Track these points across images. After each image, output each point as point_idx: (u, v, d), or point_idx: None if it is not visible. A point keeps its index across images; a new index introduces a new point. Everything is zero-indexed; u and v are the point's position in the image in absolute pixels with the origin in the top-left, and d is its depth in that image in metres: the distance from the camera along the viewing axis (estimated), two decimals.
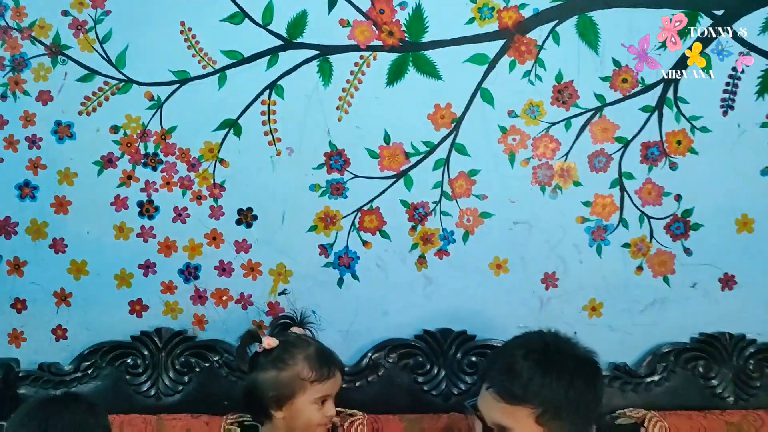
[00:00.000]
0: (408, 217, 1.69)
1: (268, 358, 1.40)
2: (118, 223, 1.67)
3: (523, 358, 1.22)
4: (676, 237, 1.71)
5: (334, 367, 1.40)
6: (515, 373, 1.20)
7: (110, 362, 1.63)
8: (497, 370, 1.24)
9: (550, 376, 1.19)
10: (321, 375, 1.37)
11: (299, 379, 1.35)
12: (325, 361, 1.39)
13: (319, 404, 1.37)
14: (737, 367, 1.68)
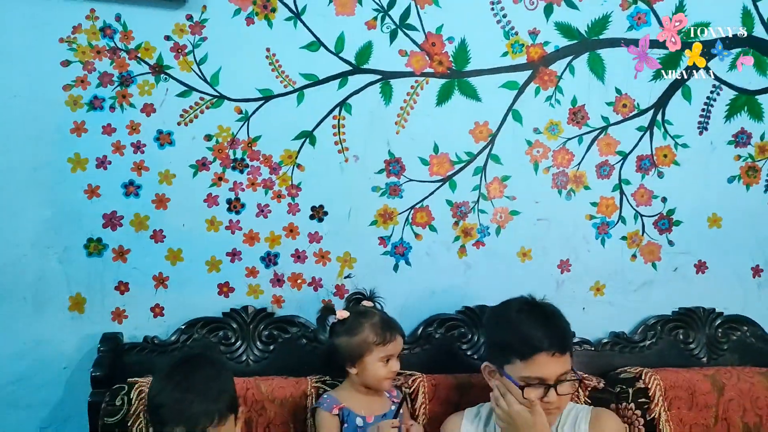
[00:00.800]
0: (452, 214, 1.89)
1: (342, 327, 1.60)
2: (210, 217, 1.81)
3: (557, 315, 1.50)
4: (662, 231, 1.97)
5: (394, 332, 1.58)
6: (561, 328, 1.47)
7: (205, 335, 1.78)
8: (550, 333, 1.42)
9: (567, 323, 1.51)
10: (383, 339, 1.56)
11: (366, 343, 1.56)
12: (386, 328, 1.58)
13: (384, 362, 1.57)
14: (709, 334, 1.94)
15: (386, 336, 1.58)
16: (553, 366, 1.41)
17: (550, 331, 1.43)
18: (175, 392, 1.36)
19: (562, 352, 1.42)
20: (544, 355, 1.40)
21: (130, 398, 1.62)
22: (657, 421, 1.76)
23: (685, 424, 1.76)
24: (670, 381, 1.80)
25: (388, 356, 1.59)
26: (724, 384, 1.81)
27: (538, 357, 1.40)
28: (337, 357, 1.62)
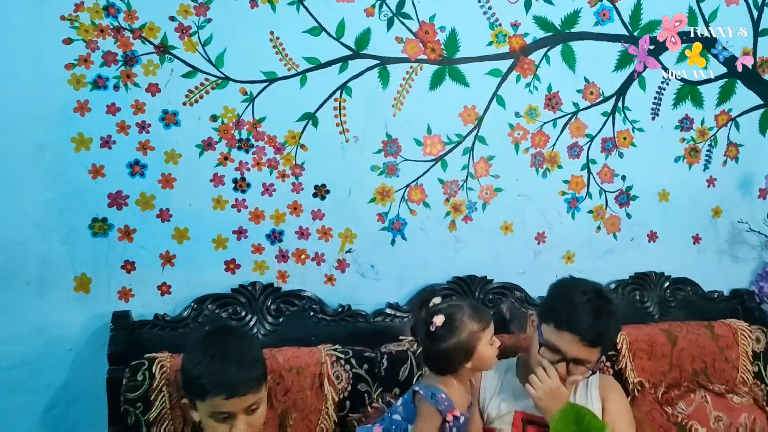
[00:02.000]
0: (443, 192, 2.02)
1: (444, 330, 1.56)
2: (216, 197, 1.84)
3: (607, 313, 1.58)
4: (622, 205, 2.19)
5: (486, 313, 1.61)
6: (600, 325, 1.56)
7: (215, 311, 1.82)
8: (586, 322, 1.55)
9: (615, 327, 1.64)
10: (485, 323, 1.58)
11: (473, 333, 1.56)
12: (480, 312, 1.60)
13: (491, 343, 1.59)
14: (660, 294, 2.20)
15: (484, 319, 1.60)
16: (576, 349, 1.58)
17: (594, 324, 1.57)
18: (213, 363, 1.42)
19: (591, 345, 1.58)
20: (574, 337, 1.57)
21: (152, 373, 1.65)
22: (624, 370, 1.99)
23: (646, 372, 2.01)
24: (633, 336, 2.03)
25: (492, 336, 1.62)
26: (677, 336, 2.07)
27: (570, 335, 1.58)
28: (452, 359, 1.58)
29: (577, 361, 1.59)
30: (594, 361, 1.62)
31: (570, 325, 1.58)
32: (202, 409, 1.44)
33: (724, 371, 2.07)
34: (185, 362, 1.49)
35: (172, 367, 1.66)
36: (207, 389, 1.40)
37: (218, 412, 1.41)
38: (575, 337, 1.58)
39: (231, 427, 1.42)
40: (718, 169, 2.29)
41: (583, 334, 1.57)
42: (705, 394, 2.00)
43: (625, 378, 1.99)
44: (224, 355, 1.44)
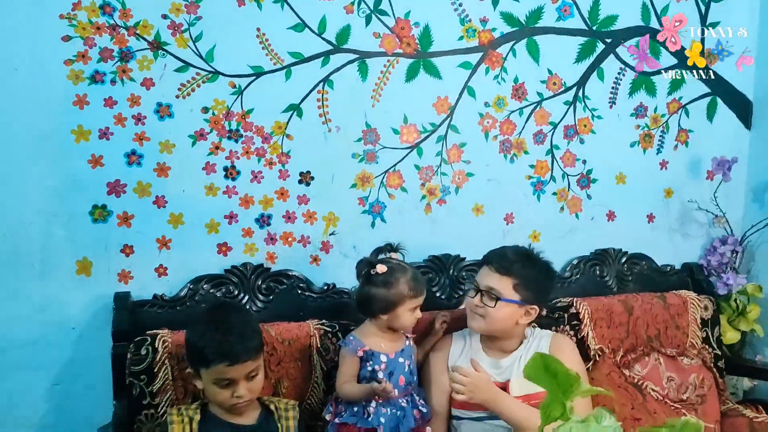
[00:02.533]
0: (419, 177, 2.16)
1: (379, 278, 1.75)
2: (208, 184, 1.96)
3: (514, 251, 1.86)
4: (583, 187, 2.36)
5: (423, 287, 1.79)
6: (508, 257, 1.82)
7: (210, 290, 1.94)
8: (496, 255, 1.84)
9: (527, 263, 1.83)
10: (415, 293, 1.75)
11: (401, 295, 1.74)
12: (418, 283, 1.77)
13: (412, 311, 1.78)
14: (618, 268, 2.38)
15: (417, 290, 1.78)
16: (486, 277, 1.83)
17: (505, 253, 1.87)
18: (216, 333, 1.57)
19: (498, 272, 1.82)
20: (487, 268, 1.85)
21: (155, 347, 1.78)
22: (586, 338, 2.18)
23: (605, 339, 2.20)
24: (594, 306, 2.22)
25: (416, 306, 1.80)
26: (633, 306, 2.26)
27: (485, 267, 1.87)
28: (371, 305, 1.78)
29: (488, 290, 1.80)
30: (504, 292, 1.79)
31: (487, 257, 1.89)
32: (206, 377, 1.58)
33: (676, 337, 2.27)
34: (189, 335, 1.63)
35: (172, 342, 1.79)
36: (211, 358, 1.55)
37: (221, 378, 1.56)
38: (488, 267, 1.84)
39: (233, 392, 1.57)
40: (669, 153, 2.48)
41: (493, 262, 1.83)
42: (658, 357, 2.20)
43: (587, 345, 2.17)
44: (226, 327, 1.59)
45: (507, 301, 1.80)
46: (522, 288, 1.82)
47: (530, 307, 1.84)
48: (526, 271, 1.84)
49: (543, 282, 1.90)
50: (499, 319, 1.81)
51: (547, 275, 1.93)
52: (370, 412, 1.75)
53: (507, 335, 1.87)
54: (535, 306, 1.84)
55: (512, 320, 1.83)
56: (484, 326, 1.83)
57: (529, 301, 1.83)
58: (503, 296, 1.80)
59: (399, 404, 1.78)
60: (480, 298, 1.81)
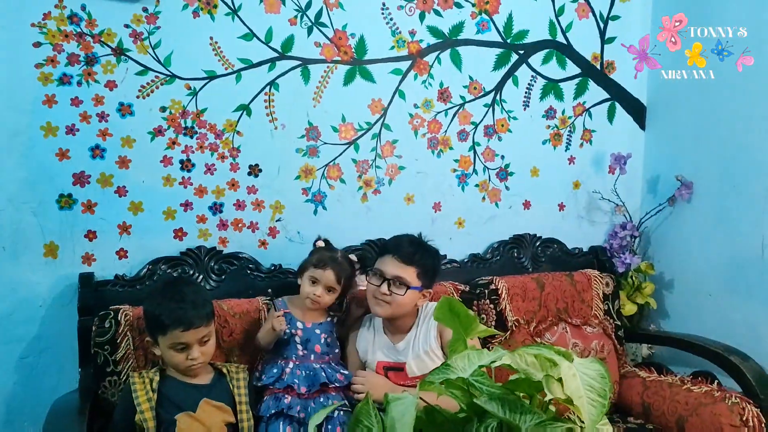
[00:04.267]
0: (356, 170, 2.42)
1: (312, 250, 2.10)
2: (166, 175, 2.17)
3: (412, 241, 2.07)
4: (502, 180, 2.66)
5: (327, 265, 1.98)
6: (410, 247, 2.02)
7: (167, 270, 2.15)
8: (399, 245, 2.03)
9: (425, 252, 2.06)
10: (314, 264, 1.99)
11: (306, 262, 2.03)
12: (325, 260, 1.99)
13: (311, 282, 2.00)
14: (533, 251, 2.69)
15: (319, 263, 2.01)
16: (393, 267, 2.02)
17: (408, 246, 2.06)
18: (171, 303, 1.78)
19: (404, 262, 2.01)
20: (392, 258, 2.03)
21: (117, 320, 1.98)
22: (504, 311, 2.47)
23: (521, 311, 2.50)
24: (511, 283, 2.52)
25: (314, 279, 2.01)
26: (545, 283, 2.57)
27: (389, 257, 2.04)
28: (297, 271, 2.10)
29: (396, 279, 1.99)
30: (410, 280, 1.99)
31: (390, 247, 2.07)
32: (162, 343, 1.80)
33: (581, 309, 2.60)
34: (147, 306, 1.84)
35: (133, 315, 1.99)
36: (167, 324, 1.76)
37: (177, 343, 1.78)
38: (392, 258, 2.02)
39: (187, 355, 1.79)
40: (576, 150, 2.82)
41: (398, 253, 2.02)
42: (566, 326, 2.53)
43: (505, 317, 2.46)
44: (180, 296, 1.80)
45: (413, 289, 2.01)
46: (422, 275, 2.03)
47: (427, 291, 2.10)
48: (425, 261, 2.05)
49: (437, 268, 2.16)
50: (405, 305, 2.02)
51: (439, 262, 2.20)
52: (286, 373, 1.99)
53: (406, 315, 2.08)
54: (430, 290, 2.12)
55: (413, 303, 2.06)
56: (390, 311, 2.02)
57: (427, 285, 2.07)
58: (410, 284, 2.00)
59: (312, 367, 2.01)
60: (387, 287, 2.00)
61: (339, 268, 2.04)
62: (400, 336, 2.12)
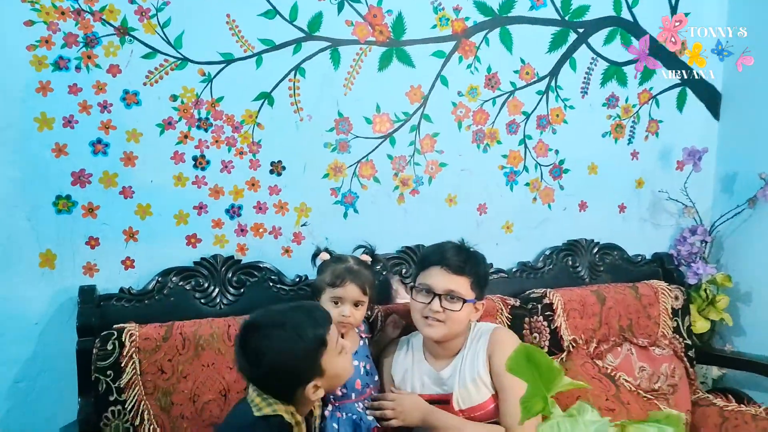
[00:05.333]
0: (392, 167, 2.20)
1: (319, 266, 1.87)
2: (177, 174, 1.96)
3: (459, 248, 1.83)
4: (555, 178, 2.43)
5: (347, 279, 1.75)
6: (459, 256, 1.80)
7: (179, 283, 1.94)
8: (446, 254, 1.79)
9: (475, 259, 1.83)
10: (333, 282, 1.75)
11: (322, 282, 1.79)
12: (342, 274, 1.76)
13: (334, 304, 1.77)
14: (590, 259, 2.46)
15: (337, 281, 1.77)
16: (443, 280, 1.78)
17: (456, 254, 1.82)
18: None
19: (456, 272, 1.78)
20: (440, 269, 1.79)
21: (122, 342, 1.78)
22: (559, 329, 2.24)
23: (578, 329, 2.27)
24: (567, 297, 2.29)
25: (337, 299, 1.78)
26: (606, 297, 2.33)
27: (436, 268, 1.80)
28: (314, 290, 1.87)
29: (448, 293, 1.77)
30: (464, 292, 1.78)
31: (435, 258, 1.82)
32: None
33: (647, 327, 2.35)
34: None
35: (140, 335, 1.79)
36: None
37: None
38: (440, 269, 1.79)
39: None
40: (640, 144, 2.56)
41: (445, 263, 1.79)
42: (630, 347, 2.28)
43: (560, 335, 2.23)
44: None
45: (469, 302, 1.80)
46: (475, 286, 1.82)
47: (480, 303, 1.86)
48: (477, 268, 1.84)
49: (487, 276, 1.94)
50: (461, 321, 1.80)
51: (487, 269, 1.97)
52: (324, 419, 1.75)
53: (459, 335, 1.85)
54: (483, 301, 1.88)
55: (467, 319, 1.84)
56: (446, 331, 1.79)
57: (479, 297, 1.85)
58: (466, 297, 1.79)
59: (354, 409, 1.78)
60: (439, 303, 1.77)
61: (360, 278, 1.81)
62: (444, 361, 1.88)
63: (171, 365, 1.82)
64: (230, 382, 1.87)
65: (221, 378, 1.87)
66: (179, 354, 1.83)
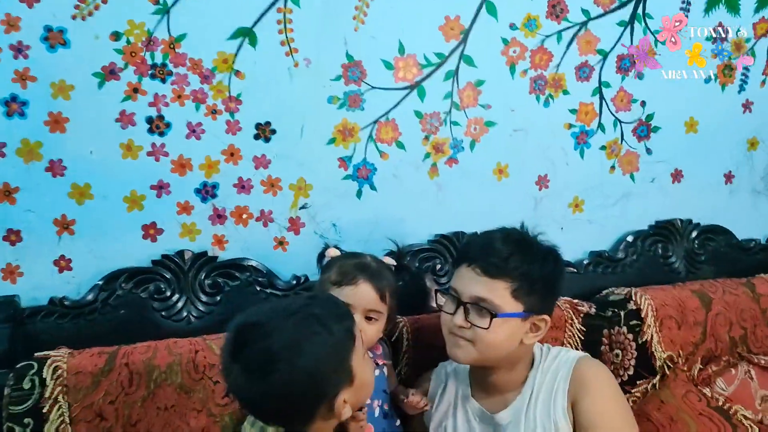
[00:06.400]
0: (421, 128, 1.68)
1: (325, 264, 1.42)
2: (125, 141, 1.48)
3: (503, 239, 1.29)
4: (641, 138, 1.89)
5: (357, 277, 1.32)
6: (496, 250, 1.26)
7: (131, 290, 1.48)
8: (478, 248, 1.29)
9: (526, 255, 1.27)
10: (340, 280, 1.32)
11: (326, 281, 1.35)
12: (352, 270, 1.33)
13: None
14: (687, 246, 1.94)
15: (343, 278, 1.33)
16: (471, 284, 1.27)
17: (489, 246, 1.30)
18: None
19: (488, 274, 1.26)
20: (468, 269, 1.29)
21: (42, 378, 1.33)
22: (649, 344, 1.71)
23: (675, 344, 1.73)
24: (660, 300, 1.75)
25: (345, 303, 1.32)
26: (711, 298, 1.79)
27: (464, 268, 1.30)
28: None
29: (476, 302, 1.26)
30: (498, 302, 1.25)
31: (463, 255, 1.32)
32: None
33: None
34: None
35: (70, 368, 1.35)
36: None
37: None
38: (469, 269, 1.28)
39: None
40: (755, 91, 1.99)
41: (478, 260, 1.27)
42: (748, 368, 1.73)
43: (651, 352, 1.71)
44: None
45: (506, 316, 1.26)
46: (524, 293, 1.27)
47: (538, 319, 1.30)
48: (529, 267, 1.27)
49: (552, 279, 1.32)
50: (497, 344, 1.27)
51: (555, 268, 1.34)
52: None
53: (509, 363, 1.33)
54: (544, 316, 1.31)
55: (514, 341, 1.29)
56: (476, 355, 1.29)
57: (536, 309, 1.29)
58: (500, 310, 1.25)
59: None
60: (464, 316, 1.27)
61: (378, 279, 1.34)
62: (500, 399, 1.36)
63: (113, 409, 1.36)
64: (198, 429, 1.38)
65: (185, 425, 1.39)
66: (125, 394, 1.37)
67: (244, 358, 1.01)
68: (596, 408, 1.26)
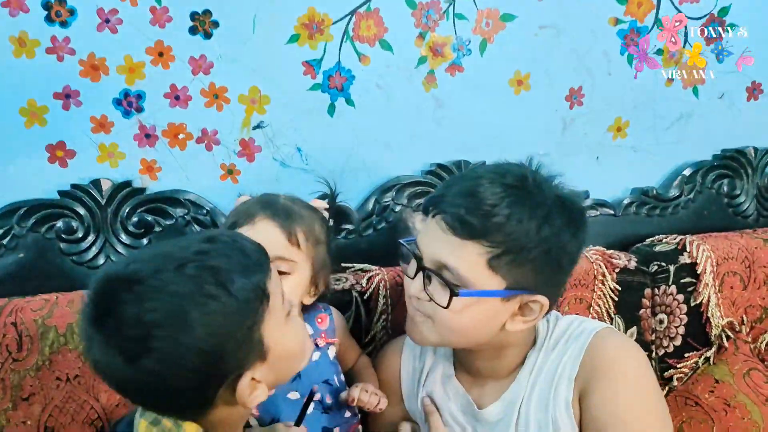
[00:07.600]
0: (414, 22, 1.32)
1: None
2: (16, 34, 1.16)
3: (491, 181, 0.90)
4: (710, 41, 1.50)
5: (256, 215, 1.03)
6: (476, 197, 0.89)
7: (32, 228, 1.19)
8: (455, 192, 0.92)
9: (520, 207, 0.88)
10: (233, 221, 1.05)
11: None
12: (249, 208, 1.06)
13: None
14: (760, 183, 1.58)
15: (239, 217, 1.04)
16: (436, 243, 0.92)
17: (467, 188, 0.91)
18: None
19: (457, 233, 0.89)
20: (437, 222, 0.92)
21: None
22: (705, 307, 1.36)
23: (738, 308, 1.40)
24: (723, 251, 1.42)
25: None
26: None
27: (432, 221, 0.94)
28: None
29: (438, 270, 0.91)
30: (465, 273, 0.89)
31: (434, 200, 0.95)
32: None
33: None
34: None
35: None
36: None
37: None
38: (434, 221, 0.93)
39: None
40: None
41: (446, 210, 0.91)
42: None
43: (707, 318, 1.37)
44: None
45: (472, 295, 0.90)
46: (507, 262, 0.89)
47: (529, 299, 0.92)
48: (519, 227, 0.87)
49: (558, 247, 0.90)
50: (462, 329, 0.94)
51: (565, 231, 0.91)
52: None
53: (492, 350, 1.00)
54: (537, 297, 0.92)
55: (490, 326, 0.94)
56: (435, 338, 0.97)
57: (527, 286, 0.91)
58: (467, 284, 0.90)
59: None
60: (423, 285, 0.94)
61: (284, 216, 1.03)
62: (490, 386, 1.03)
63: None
64: (110, 406, 1.11)
65: (93, 399, 1.13)
66: (13, 359, 1.10)
67: (108, 328, 0.71)
68: (611, 405, 0.91)
